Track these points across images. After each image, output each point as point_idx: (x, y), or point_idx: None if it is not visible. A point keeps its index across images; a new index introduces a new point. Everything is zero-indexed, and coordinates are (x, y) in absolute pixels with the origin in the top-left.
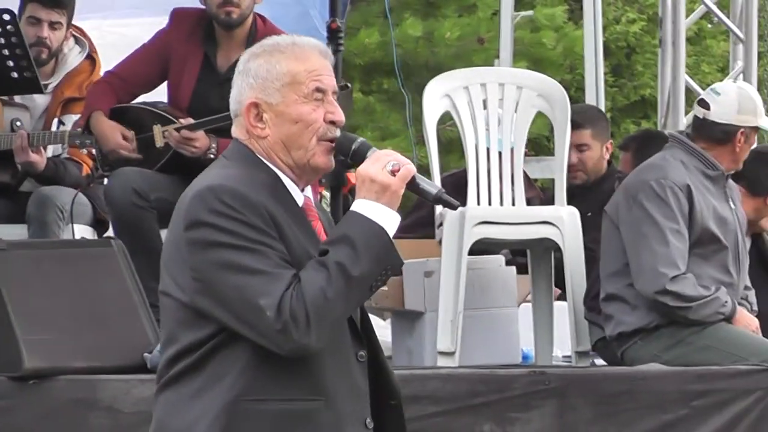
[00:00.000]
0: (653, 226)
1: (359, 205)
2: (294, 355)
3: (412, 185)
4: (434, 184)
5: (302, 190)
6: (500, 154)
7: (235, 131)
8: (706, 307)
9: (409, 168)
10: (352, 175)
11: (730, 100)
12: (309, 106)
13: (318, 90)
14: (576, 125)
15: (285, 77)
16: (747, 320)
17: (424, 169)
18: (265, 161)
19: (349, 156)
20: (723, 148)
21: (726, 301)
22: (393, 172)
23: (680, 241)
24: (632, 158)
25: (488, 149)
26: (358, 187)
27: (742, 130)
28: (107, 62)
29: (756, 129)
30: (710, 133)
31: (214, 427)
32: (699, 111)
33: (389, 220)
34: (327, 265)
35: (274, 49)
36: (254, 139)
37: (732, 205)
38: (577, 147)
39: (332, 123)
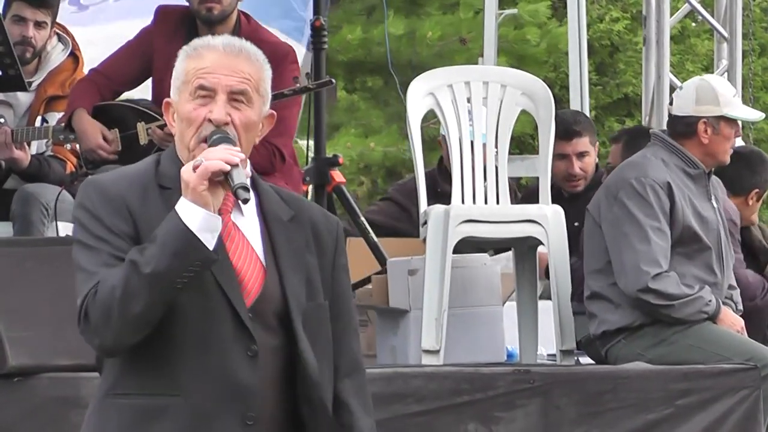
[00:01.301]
0: (634, 225)
1: (178, 203)
2: (100, 354)
3: (227, 180)
4: (240, 179)
5: None
6: (484, 151)
7: None
8: (689, 306)
9: (206, 165)
10: (336, 174)
11: (689, 92)
12: (192, 105)
13: (201, 87)
14: (576, 134)
15: (180, 76)
16: (731, 320)
17: (408, 166)
18: (179, 157)
19: None
20: (691, 142)
21: (710, 301)
22: (194, 168)
23: (662, 239)
24: (622, 150)
25: (473, 147)
26: None
27: (703, 120)
28: (92, 61)
29: (728, 120)
30: (675, 128)
31: (89, 422)
32: (669, 108)
33: (193, 216)
34: (125, 264)
35: (187, 49)
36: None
37: (714, 204)
38: (579, 155)
39: (210, 121)
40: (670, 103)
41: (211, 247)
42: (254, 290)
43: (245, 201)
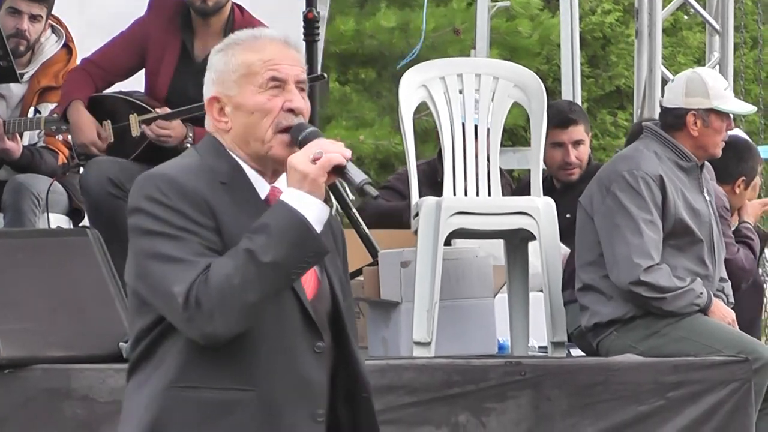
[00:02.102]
0: (627, 217)
1: (284, 194)
2: (205, 343)
3: (339, 174)
4: (361, 174)
5: (271, 182)
6: (476, 144)
7: (207, 124)
8: (680, 299)
9: (329, 157)
10: None
11: (679, 84)
12: (265, 96)
13: (274, 79)
14: (572, 122)
15: (240, 69)
16: (723, 312)
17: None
18: (231, 153)
19: (298, 145)
20: (680, 134)
21: (701, 293)
22: (314, 160)
23: (654, 231)
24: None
25: (464, 138)
26: (287, 176)
27: (692, 112)
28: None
29: (719, 113)
30: (666, 120)
31: (147, 414)
32: (661, 100)
33: (310, 208)
34: (238, 252)
35: (233, 43)
36: (220, 133)
37: (706, 197)
38: (575, 144)
39: (290, 111)
40: (662, 96)
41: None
42: (311, 288)
43: (377, 197)
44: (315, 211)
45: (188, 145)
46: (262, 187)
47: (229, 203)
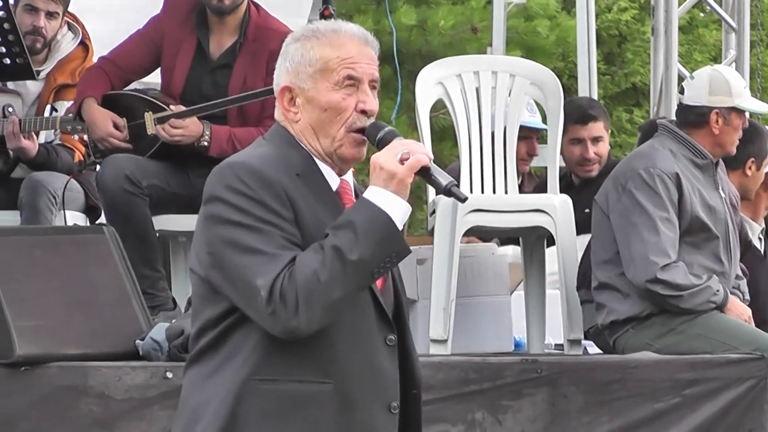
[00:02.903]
0: (643, 215)
1: (369, 192)
2: (287, 337)
3: (424, 175)
4: (447, 176)
5: (340, 174)
6: (493, 142)
7: (276, 113)
8: (697, 296)
9: (418, 158)
10: None
11: (702, 82)
12: (339, 94)
13: (350, 78)
14: (592, 118)
15: (317, 63)
16: (739, 309)
17: None
18: (301, 143)
19: (375, 143)
20: (701, 132)
21: (718, 290)
22: (402, 161)
23: (670, 229)
24: (637, 145)
25: (481, 136)
26: (370, 174)
27: (715, 110)
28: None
29: (738, 111)
30: (686, 118)
31: (223, 407)
32: (679, 97)
33: (396, 208)
34: (324, 248)
35: (312, 35)
36: (289, 123)
37: (722, 194)
38: (594, 140)
39: (363, 112)
40: (681, 92)
41: None
42: (380, 282)
43: (464, 200)
44: (400, 211)
45: (205, 143)
46: (333, 180)
47: (305, 193)
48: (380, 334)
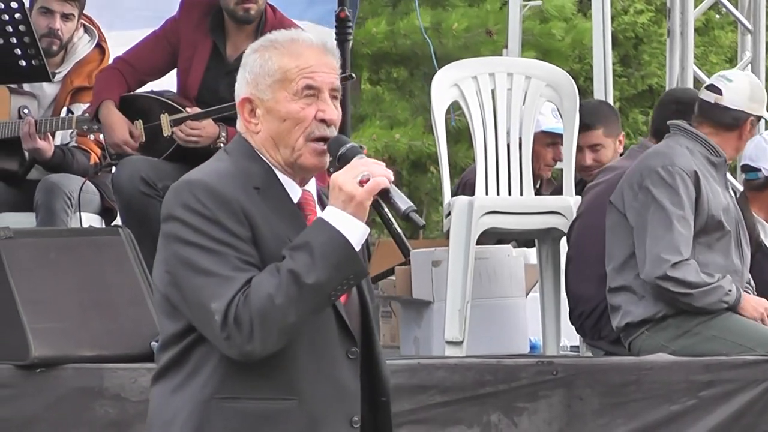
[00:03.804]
0: (660, 212)
1: (327, 212)
2: (242, 360)
3: (384, 198)
4: (406, 200)
5: (302, 185)
6: (509, 144)
7: (238, 124)
8: (709, 295)
9: (378, 181)
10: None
11: (743, 86)
12: (298, 104)
13: (309, 87)
14: (588, 126)
15: (276, 74)
16: (754, 303)
17: (433, 159)
18: (261, 156)
19: (336, 159)
20: (729, 135)
21: (730, 290)
22: (361, 183)
23: (685, 227)
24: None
25: (497, 139)
26: (329, 194)
27: (751, 118)
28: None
29: (759, 120)
30: (720, 119)
31: (187, 425)
32: (708, 96)
33: (353, 230)
34: (280, 271)
35: (270, 45)
36: (249, 134)
37: (731, 193)
38: (591, 147)
39: (323, 121)
40: (712, 91)
41: None
42: (343, 295)
43: (422, 226)
44: (357, 234)
45: (221, 145)
46: (294, 191)
47: (264, 209)
48: (342, 347)
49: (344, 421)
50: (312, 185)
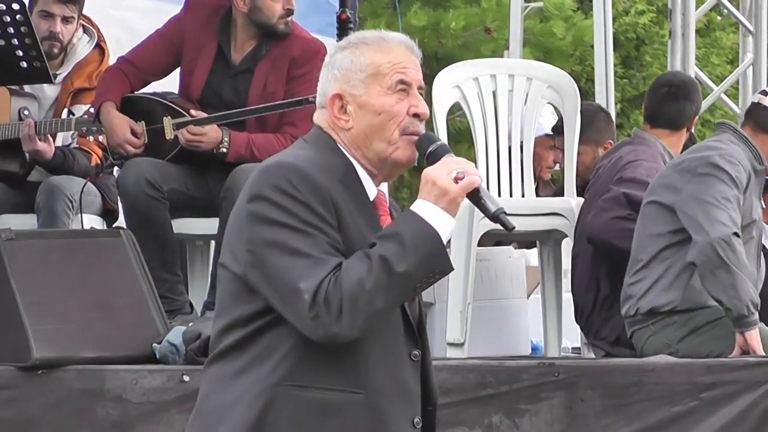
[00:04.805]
0: (721, 189)
1: (417, 205)
2: (326, 342)
3: (473, 197)
4: (495, 201)
5: (378, 185)
6: (510, 145)
7: (318, 118)
8: (743, 289)
9: (472, 179)
10: None
11: None
12: (392, 98)
13: (402, 82)
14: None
15: (369, 68)
16: (754, 344)
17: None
18: (343, 150)
19: (425, 156)
20: (766, 137)
21: (757, 307)
22: (456, 180)
23: (738, 211)
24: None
25: (498, 140)
26: (420, 188)
27: None
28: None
29: None
30: (760, 119)
31: (252, 409)
32: (757, 98)
33: (444, 224)
34: (371, 257)
35: (360, 42)
36: (337, 131)
37: (763, 205)
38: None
39: (416, 116)
40: (763, 94)
41: None
42: None
43: (512, 228)
44: (448, 228)
45: (224, 149)
46: (371, 190)
47: (348, 201)
48: (407, 348)
49: (407, 420)
50: (384, 187)
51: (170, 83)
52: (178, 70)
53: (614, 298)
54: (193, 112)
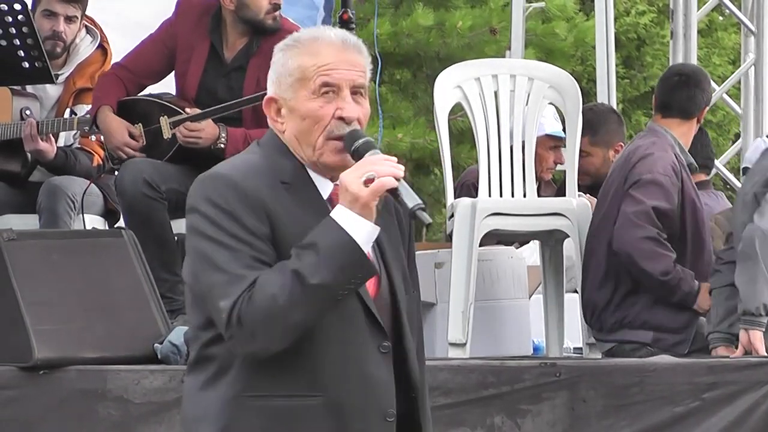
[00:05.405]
0: None
1: (336, 212)
2: (248, 357)
3: (393, 194)
4: (414, 198)
5: (334, 180)
6: (511, 145)
7: (269, 121)
8: (764, 283)
9: (382, 182)
10: None
11: None
12: (316, 103)
13: (326, 85)
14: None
15: (296, 72)
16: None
17: (435, 159)
18: (291, 151)
19: (351, 154)
20: None
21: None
22: (366, 183)
23: None
24: None
25: (499, 140)
26: (339, 193)
27: None
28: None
29: None
30: None
31: (218, 422)
32: None
33: (360, 231)
34: (285, 271)
35: (293, 44)
36: (278, 132)
37: None
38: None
39: (342, 119)
40: None
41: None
42: (372, 286)
43: (429, 224)
44: (364, 233)
45: (221, 145)
46: (325, 186)
47: (290, 204)
48: (373, 341)
49: (378, 415)
50: None
51: (166, 86)
52: (173, 73)
53: (636, 291)
54: (188, 110)
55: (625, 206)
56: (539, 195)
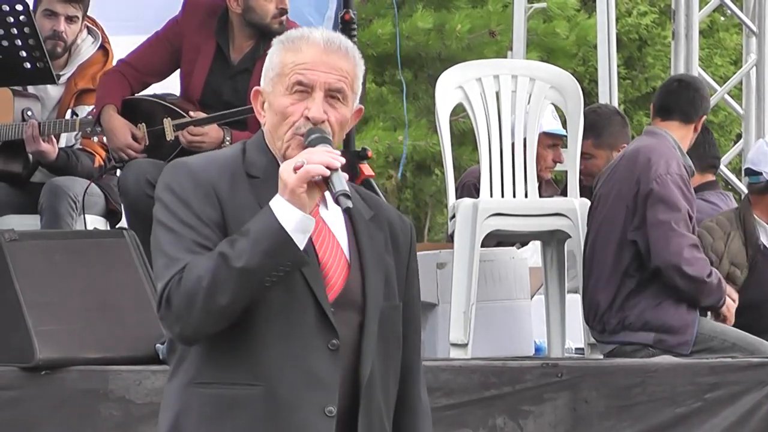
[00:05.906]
0: None
1: (273, 200)
2: (180, 342)
3: (325, 182)
4: (343, 184)
5: None
6: (513, 145)
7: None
8: None
9: (308, 169)
10: (365, 167)
11: None
12: (289, 99)
13: (299, 83)
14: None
15: (276, 68)
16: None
17: (437, 160)
18: (269, 146)
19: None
20: None
21: None
22: (295, 170)
23: None
24: None
25: (501, 141)
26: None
27: None
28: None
29: None
30: None
31: (170, 411)
32: None
33: (289, 217)
34: (213, 255)
35: (284, 40)
36: (262, 125)
37: None
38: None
39: (308, 119)
40: None
41: (302, 248)
42: (338, 285)
43: (348, 210)
44: (293, 221)
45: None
46: None
47: (250, 196)
48: (321, 338)
49: (316, 410)
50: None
51: (171, 85)
52: (178, 72)
53: (638, 293)
54: (192, 113)
55: (659, 214)
56: (540, 195)
